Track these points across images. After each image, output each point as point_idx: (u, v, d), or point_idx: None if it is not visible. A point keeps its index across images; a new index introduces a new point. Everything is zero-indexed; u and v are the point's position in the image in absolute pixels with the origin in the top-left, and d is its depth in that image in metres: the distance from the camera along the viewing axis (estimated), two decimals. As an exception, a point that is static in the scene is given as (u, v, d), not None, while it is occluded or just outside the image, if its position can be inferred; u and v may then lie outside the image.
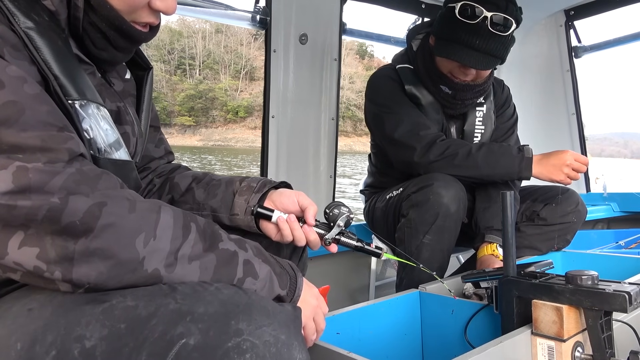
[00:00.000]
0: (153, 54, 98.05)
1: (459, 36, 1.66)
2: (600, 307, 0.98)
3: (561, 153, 1.69)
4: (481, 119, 1.96)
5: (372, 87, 1.94)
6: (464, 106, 1.88)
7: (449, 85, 1.77)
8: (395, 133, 1.79)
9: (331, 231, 1.02)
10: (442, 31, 1.74)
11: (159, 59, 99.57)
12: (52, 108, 0.67)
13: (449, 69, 1.76)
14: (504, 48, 1.68)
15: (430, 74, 1.81)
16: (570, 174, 1.69)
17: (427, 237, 1.61)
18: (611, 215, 3.14)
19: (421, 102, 1.85)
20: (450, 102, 1.83)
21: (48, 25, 0.74)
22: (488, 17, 1.61)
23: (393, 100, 1.85)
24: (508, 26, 1.64)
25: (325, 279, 2.35)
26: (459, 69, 1.73)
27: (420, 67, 1.85)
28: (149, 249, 0.66)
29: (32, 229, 0.61)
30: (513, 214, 1.14)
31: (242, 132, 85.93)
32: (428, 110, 1.86)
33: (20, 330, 0.64)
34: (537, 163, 1.70)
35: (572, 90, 3.18)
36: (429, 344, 1.37)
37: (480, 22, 1.62)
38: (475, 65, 1.67)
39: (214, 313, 0.59)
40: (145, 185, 1.11)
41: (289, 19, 2.28)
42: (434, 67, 1.79)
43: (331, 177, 2.51)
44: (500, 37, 1.64)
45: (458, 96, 1.80)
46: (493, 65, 1.72)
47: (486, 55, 1.66)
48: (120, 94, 0.94)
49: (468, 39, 1.64)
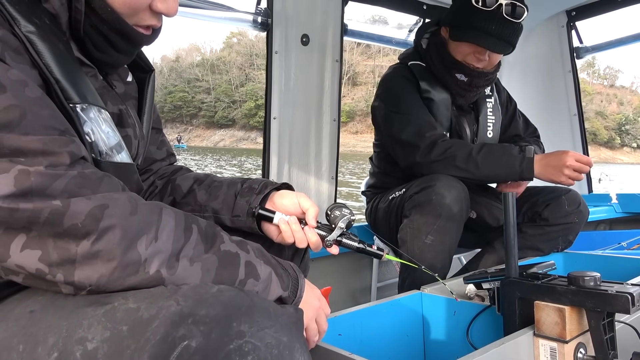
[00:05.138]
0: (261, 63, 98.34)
1: (476, 22, 1.74)
2: (602, 309, 0.97)
3: (562, 154, 1.69)
4: (491, 109, 2.05)
5: (386, 87, 1.97)
6: (477, 94, 1.96)
7: (465, 72, 1.84)
8: (403, 134, 1.82)
9: (332, 233, 1.02)
10: (457, 19, 1.82)
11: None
12: (53, 112, 0.67)
13: (463, 56, 1.82)
14: (515, 35, 1.77)
15: (446, 63, 1.86)
16: (572, 175, 1.68)
17: (430, 238, 1.61)
18: (613, 216, 3.13)
19: (433, 98, 1.90)
20: (465, 89, 1.89)
21: (49, 29, 0.74)
22: (503, 5, 1.69)
23: (405, 101, 1.88)
24: (520, 14, 1.72)
25: (327, 280, 2.37)
26: (473, 55, 1.81)
27: (434, 59, 1.90)
28: (151, 251, 0.66)
29: (34, 231, 0.61)
30: (515, 214, 1.14)
31: (344, 137, 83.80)
32: (439, 106, 1.90)
33: (22, 332, 0.64)
34: (538, 164, 1.70)
35: (574, 91, 3.17)
36: (431, 345, 1.37)
37: (496, 9, 1.70)
38: (493, 48, 1.76)
39: (216, 315, 0.59)
40: (147, 187, 1.12)
41: (291, 21, 2.28)
42: (448, 56, 1.85)
43: (333, 179, 2.51)
44: (513, 23, 1.72)
45: (473, 82, 1.87)
46: (506, 50, 1.80)
47: (500, 41, 1.75)
48: (122, 96, 0.94)
49: (484, 24, 1.72)
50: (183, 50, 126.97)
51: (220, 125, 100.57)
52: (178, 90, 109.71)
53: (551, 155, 1.71)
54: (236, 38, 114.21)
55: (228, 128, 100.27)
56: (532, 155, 1.71)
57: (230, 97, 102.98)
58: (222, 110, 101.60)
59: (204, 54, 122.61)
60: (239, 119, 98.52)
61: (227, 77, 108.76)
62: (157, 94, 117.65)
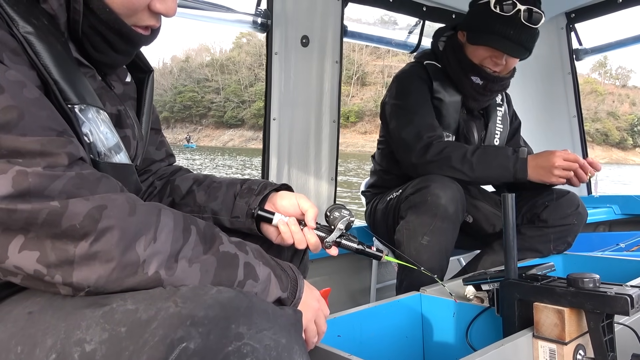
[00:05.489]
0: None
1: (494, 27, 1.76)
2: (602, 310, 0.97)
3: (549, 155, 1.70)
4: (501, 118, 2.07)
5: (399, 84, 1.97)
6: (489, 99, 1.98)
7: (481, 75, 1.86)
8: (403, 132, 1.83)
9: (332, 234, 1.02)
10: (475, 23, 1.84)
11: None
12: (51, 112, 0.67)
13: (480, 60, 1.84)
14: (532, 40, 1.79)
15: (462, 65, 1.88)
16: (562, 174, 1.69)
17: (426, 239, 1.61)
18: (613, 217, 3.13)
19: (444, 99, 1.91)
20: (479, 92, 1.90)
21: (47, 29, 0.74)
22: (522, 10, 1.72)
23: (412, 100, 1.89)
24: (538, 19, 1.74)
25: (326, 281, 2.37)
26: (490, 59, 1.83)
27: (451, 61, 1.91)
28: (149, 252, 0.66)
29: (32, 232, 0.61)
30: (514, 216, 1.14)
31: (353, 137, 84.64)
32: (448, 108, 1.91)
33: (20, 333, 0.64)
34: (528, 165, 1.71)
35: (573, 93, 3.17)
36: (430, 347, 1.37)
37: (514, 14, 1.72)
38: (510, 52, 1.78)
39: (215, 317, 0.59)
40: (146, 188, 1.11)
41: (291, 22, 2.28)
42: (465, 58, 1.87)
43: (332, 180, 2.50)
44: (531, 29, 1.75)
45: (488, 86, 1.88)
46: (523, 55, 1.81)
47: (518, 45, 1.76)
48: (121, 97, 0.94)
49: (503, 29, 1.74)
50: (193, 51, 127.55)
51: (230, 125, 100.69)
52: (188, 90, 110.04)
53: (540, 157, 1.72)
54: (245, 38, 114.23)
55: (237, 128, 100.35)
56: (525, 156, 1.72)
57: (240, 97, 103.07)
58: (231, 110, 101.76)
59: (214, 54, 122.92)
60: (248, 119, 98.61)
61: (237, 77, 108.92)
62: (167, 93, 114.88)
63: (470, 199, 1.87)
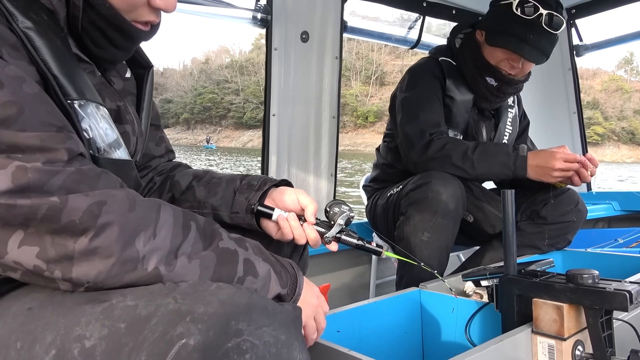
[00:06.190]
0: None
1: (514, 29, 1.73)
2: (600, 306, 0.97)
3: (549, 157, 1.69)
4: (511, 120, 2.06)
5: (411, 78, 1.96)
6: (502, 100, 1.96)
7: (496, 76, 1.84)
8: (407, 126, 1.82)
9: (331, 229, 1.02)
10: (495, 24, 1.81)
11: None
12: (51, 108, 0.67)
13: (497, 61, 1.82)
14: (551, 45, 1.77)
15: (478, 65, 1.86)
16: (562, 175, 1.69)
17: (426, 235, 1.61)
18: (612, 214, 3.14)
19: (455, 97, 1.89)
20: (492, 94, 1.88)
21: (47, 25, 0.74)
22: (543, 15, 1.69)
23: (421, 95, 1.88)
24: (559, 25, 1.72)
25: (326, 277, 2.37)
26: (507, 61, 1.81)
27: (467, 59, 1.90)
28: (149, 248, 0.66)
29: (32, 228, 0.61)
30: (514, 212, 1.14)
31: (372, 137, 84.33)
32: (459, 107, 1.90)
33: (20, 329, 0.64)
34: (528, 163, 1.71)
35: (574, 89, 3.17)
36: (429, 342, 1.37)
37: (535, 18, 1.70)
38: (528, 56, 1.75)
39: (214, 313, 0.59)
40: (146, 184, 1.11)
41: (290, 17, 2.28)
42: (482, 58, 1.85)
43: (332, 176, 2.50)
44: (551, 34, 1.73)
45: (502, 88, 1.87)
46: (541, 60, 1.79)
47: (537, 50, 1.74)
48: (120, 92, 0.94)
49: (523, 32, 1.72)
50: (212, 52, 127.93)
51: (249, 126, 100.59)
52: (207, 91, 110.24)
53: (540, 157, 1.71)
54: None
55: (256, 129, 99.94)
56: (525, 153, 1.71)
57: (259, 99, 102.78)
58: (250, 111, 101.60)
59: (233, 55, 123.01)
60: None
61: (256, 78, 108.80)
62: (187, 95, 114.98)
63: (473, 199, 1.87)
